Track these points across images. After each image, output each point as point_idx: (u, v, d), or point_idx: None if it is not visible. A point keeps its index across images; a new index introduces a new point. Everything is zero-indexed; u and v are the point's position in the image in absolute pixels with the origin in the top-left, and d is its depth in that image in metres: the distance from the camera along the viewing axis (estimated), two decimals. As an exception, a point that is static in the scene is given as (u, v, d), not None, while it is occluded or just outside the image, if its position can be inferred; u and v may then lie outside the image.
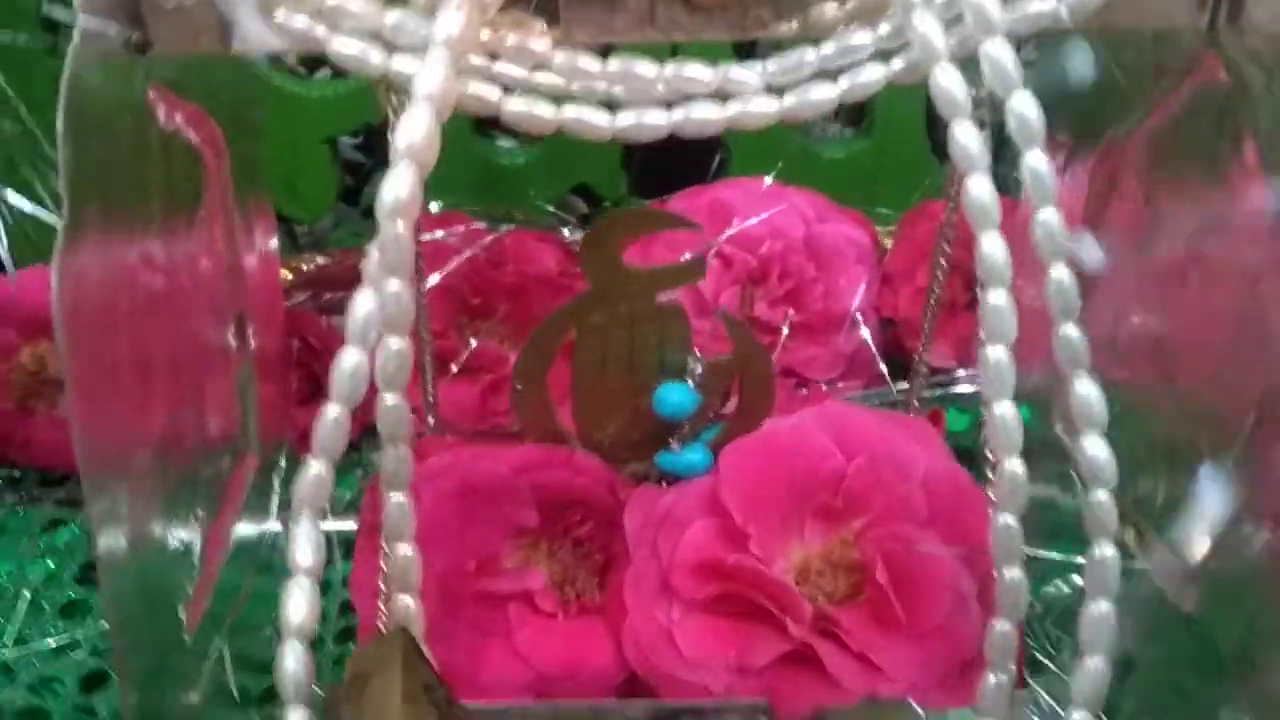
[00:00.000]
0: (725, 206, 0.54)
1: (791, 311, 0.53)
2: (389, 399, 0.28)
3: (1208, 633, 0.32)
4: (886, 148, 0.62)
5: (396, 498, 0.29)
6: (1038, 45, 0.38)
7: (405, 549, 0.29)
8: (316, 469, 0.27)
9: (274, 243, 0.42)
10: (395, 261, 0.26)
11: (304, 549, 0.27)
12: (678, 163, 0.58)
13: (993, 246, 0.27)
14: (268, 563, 0.39)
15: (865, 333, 0.52)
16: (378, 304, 0.27)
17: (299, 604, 0.27)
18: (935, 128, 0.60)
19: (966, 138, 0.27)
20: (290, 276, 0.56)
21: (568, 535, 0.34)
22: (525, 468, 0.33)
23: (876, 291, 0.54)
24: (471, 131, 0.62)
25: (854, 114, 0.64)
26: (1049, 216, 0.28)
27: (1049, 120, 0.27)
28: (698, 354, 0.34)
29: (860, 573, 0.33)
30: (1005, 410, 0.28)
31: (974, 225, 0.27)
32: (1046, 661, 0.36)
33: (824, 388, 0.52)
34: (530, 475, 0.33)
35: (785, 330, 0.52)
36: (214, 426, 0.36)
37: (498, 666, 0.33)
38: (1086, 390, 0.28)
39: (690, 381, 0.34)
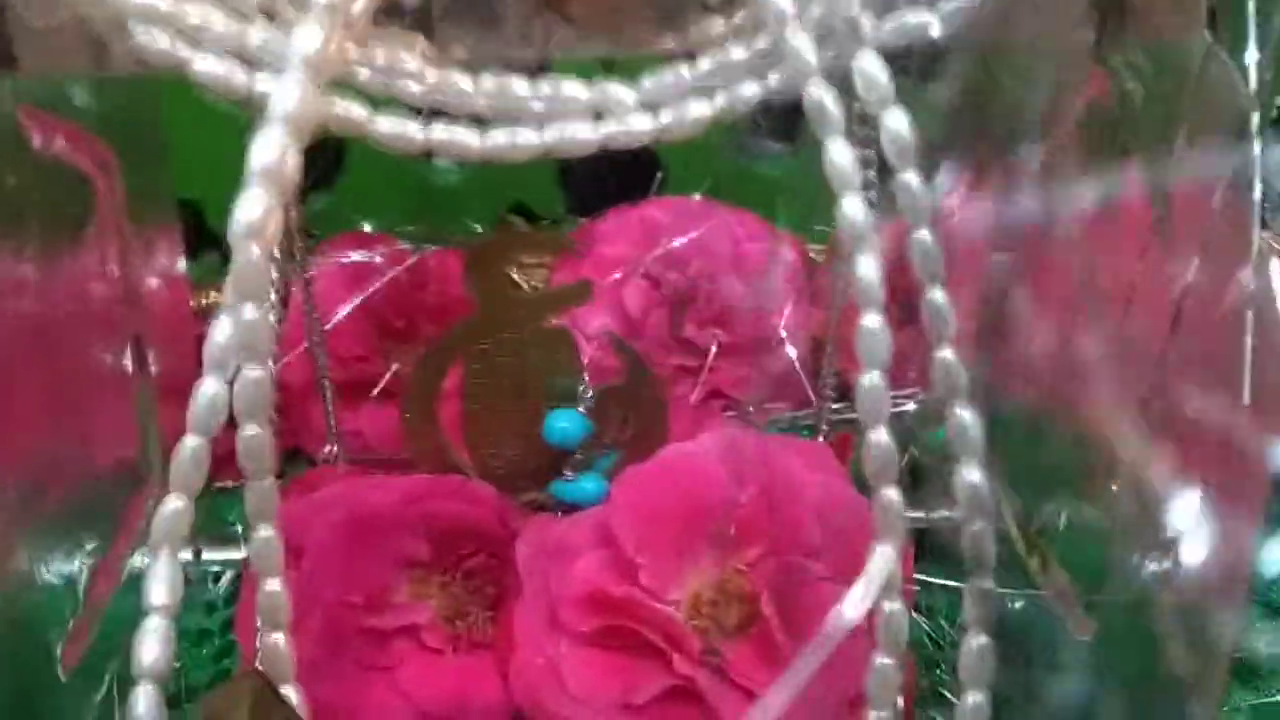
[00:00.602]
0: (654, 225, 0.53)
1: (720, 332, 0.52)
2: (249, 429, 0.27)
3: (1105, 661, 0.31)
4: (820, 163, 0.62)
5: (263, 532, 0.28)
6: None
7: (274, 584, 0.28)
8: (174, 504, 0.27)
9: (181, 264, 0.41)
10: (251, 287, 0.26)
11: (159, 588, 0.26)
12: (616, 180, 0.58)
13: (867, 268, 0.27)
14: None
15: (792, 352, 0.51)
16: (235, 330, 0.26)
17: (151, 645, 0.26)
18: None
19: (840, 156, 0.26)
20: (218, 297, 0.55)
21: (460, 567, 0.34)
22: (415, 498, 0.33)
23: (805, 311, 0.54)
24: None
25: (787, 130, 0.64)
26: (924, 237, 0.27)
27: (961, 139, 0.27)
28: (586, 380, 0.33)
29: (753, 603, 0.33)
30: (880, 438, 0.27)
31: (848, 246, 0.27)
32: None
33: (751, 410, 0.51)
34: (421, 505, 0.33)
35: (714, 350, 0.52)
36: (106, 453, 0.35)
37: (379, 705, 0.32)
38: (964, 417, 0.27)
39: (580, 407, 0.33)
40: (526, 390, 0.33)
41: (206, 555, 0.42)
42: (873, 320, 0.27)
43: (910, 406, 0.50)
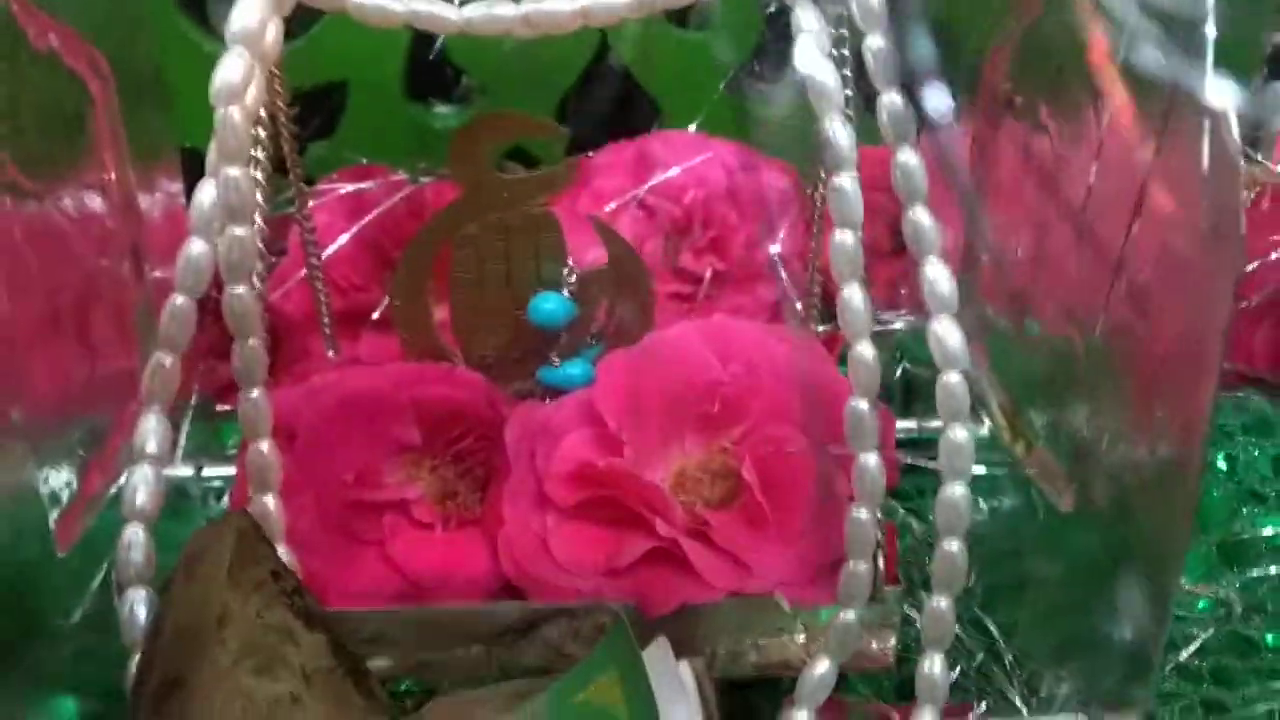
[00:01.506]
0: (650, 158, 0.54)
1: (715, 260, 0.53)
2: (235, 289, 0.28)
3: (1084, 529, 0.32)
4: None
5: (251, 394, 0.29)
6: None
7: (263, 445, 0.29)
8: (162, 360, 0.28)
9: (178, 187, 0.42)
10: (232, 149, 0.27)
11: (151, 440, 0.27)
12: (614, 123, 0.58)
13: (845, 186, 0.28)
14: (173, 508, 0.39)
15: (783, 275, 0.51)
16: (218, 192, 0.27)
17: (141, 485, 0.27)
18: (866, 81, 0.60)
19: (823, 75, 0.27)
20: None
21: (449, 450, 0.34)
22: (406, 383, 0.34)
23: (802, 238, 0.54)
24: (404, 96, 0.62)
25: (785, 71, 0.64)
26: (907, 158, 0.28)
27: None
28: (571, 264, 0.34)
29: (736, 478, 0.33)
30: (863, 351, 0.28)
31: (829, 164, 0.28)
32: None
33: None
34: (411, 390, 0.34)
35: (708, 277, 0.52)
36: (105, 356, 0.36)
37: (369, 574, 0.33)
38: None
39: (565, 291, 0.34)
40: (512, 277, 0.34)
41: (207, 471, 0.43)
42: (847, 237, 0.28)
43: (899, 325, 0.51)
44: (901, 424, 0.45)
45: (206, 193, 0.27)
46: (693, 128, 0.55)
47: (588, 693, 0.27)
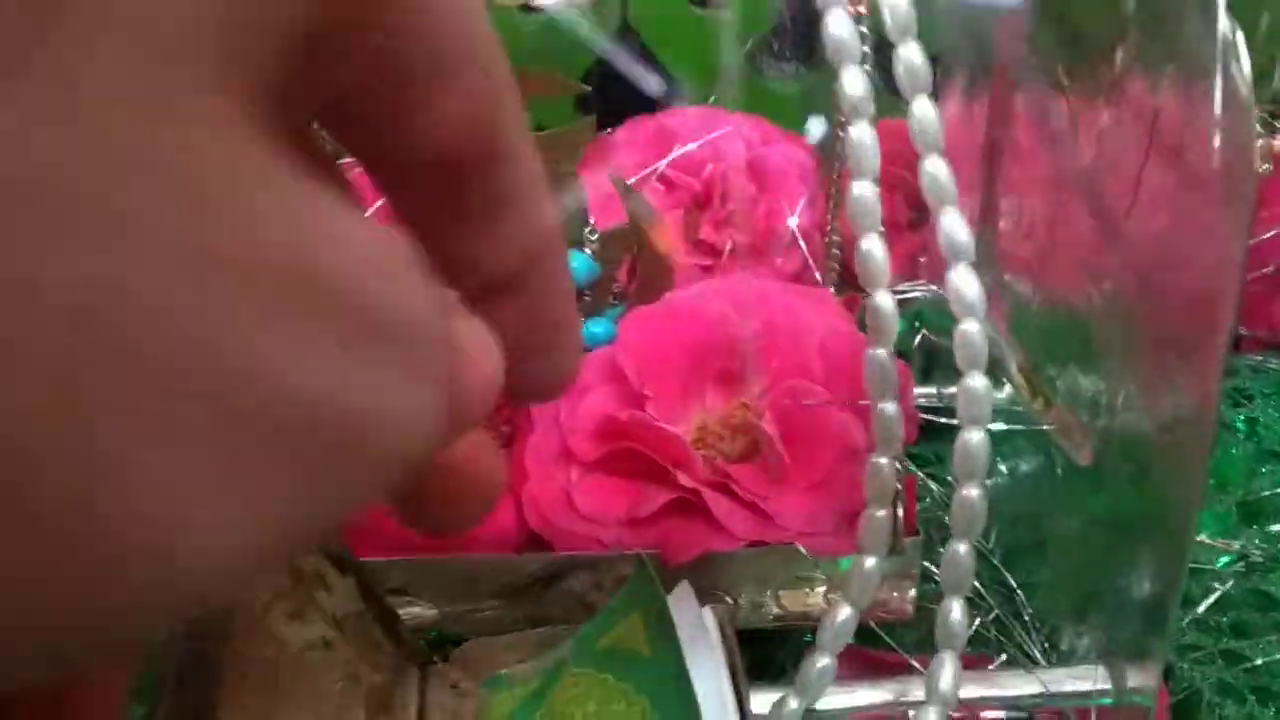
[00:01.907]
0: (668, 132, 0.54)
1: (735, 233, 0.53)
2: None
3: (1102, 488, 0.32)
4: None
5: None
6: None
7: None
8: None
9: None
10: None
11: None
12: (632, 100, 0.59)
13: (861, 137, 0.28)
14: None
15: (803, 245, 0.52)
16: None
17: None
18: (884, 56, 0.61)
19: (839, 28, 0.28)
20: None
21: (475, 408, 0.35)
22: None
23: (821, 210, 0.55)
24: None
25: (803, 49, 0.64)
26: (923, 109, 0.28)
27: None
28: (593, 224, 0.34)
29: (757, 433, 0.34)
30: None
31: (847, 116, 0.28)
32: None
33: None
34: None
35: (728, 250, 0.53)
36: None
37: (397, 526, 0.33)
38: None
39: (588, 250, 0.34)
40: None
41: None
42: (864, 188, 0.28)
43: (919, 294, 0.51)
44: (920, 390, 0.45)
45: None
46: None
47: (611, 637, 0.27)
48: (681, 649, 0.26)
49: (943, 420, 0.38)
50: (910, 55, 0.29)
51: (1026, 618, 0.36)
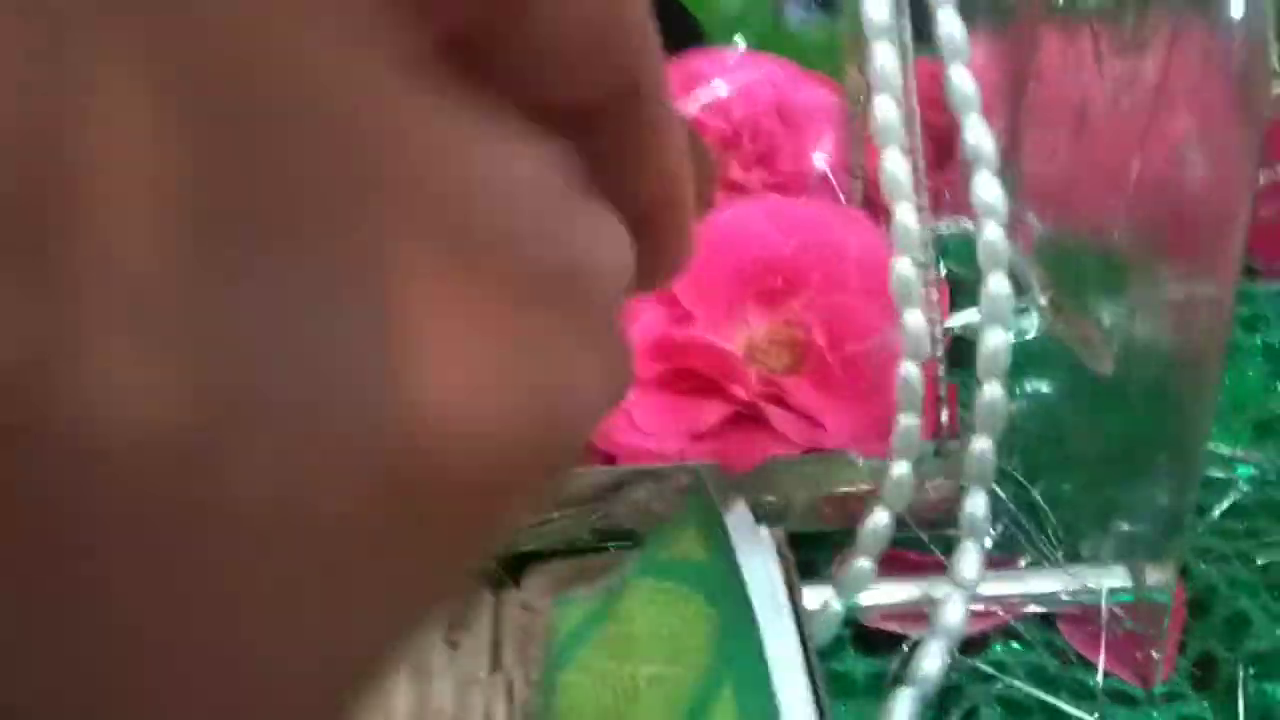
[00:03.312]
0: (698, 74, 0.55)
1: (764, 174, 0.55)
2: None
3: (1123, 390, 0.34)
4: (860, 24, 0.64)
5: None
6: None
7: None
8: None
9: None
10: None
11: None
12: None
13: (884, 54, 0.30)
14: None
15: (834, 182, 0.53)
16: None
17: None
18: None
19: None
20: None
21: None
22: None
23: (849, 151, 0.56)
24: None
25: (825, -1, 0.65)
26: (949, 19, 0.30)
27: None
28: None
29: (801, 347, 0.36)
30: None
31: (871, 37, 0.30)
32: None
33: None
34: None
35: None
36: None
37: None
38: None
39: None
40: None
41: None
42: (887, 106, 0.30)
43: (943, 229, 0.53)
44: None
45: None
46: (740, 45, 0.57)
47: (670, 550, 0.29)
48: (735, 552, 0.27)
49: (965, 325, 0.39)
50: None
51: (1049, 530, 0.38)
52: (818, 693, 0.25)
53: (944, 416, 0.33)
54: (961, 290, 0.50)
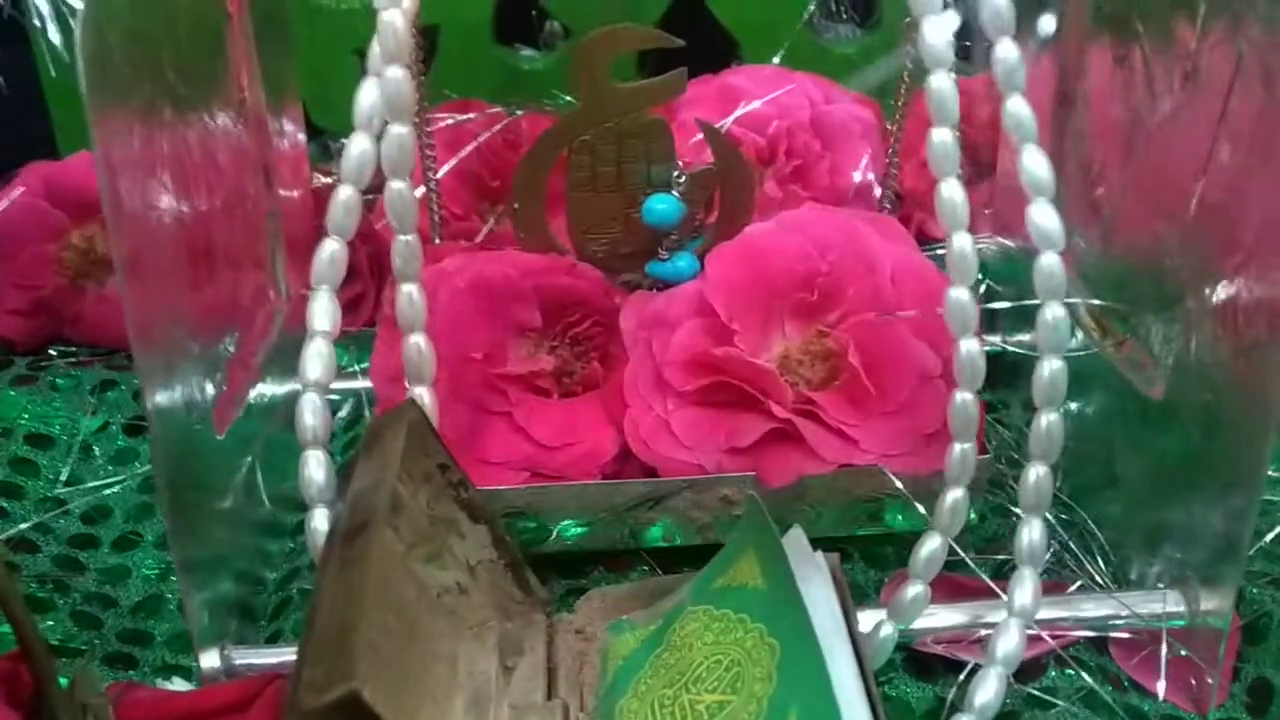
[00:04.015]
0: (734, 90, 0.55)
1: (798, 189, 0.55)
2: (395, 185, 0.30)
3: (1175, 414, 0.33)
4: (896, 41, 0.64)
5: (407, 289, 0.31)
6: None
7: (418, 339, 0.32)
8: (331, 246, 0.30)
9: (300, 120, 0.44)
10: (393, 50, 0.29)
11: (321, 316, 0.30)
12: (694, 63, 0.60)
13: (942, 83, 0.30)
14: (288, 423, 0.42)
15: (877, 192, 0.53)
16: (380, 91, 0.29)
17: (315, 364, 0.30)
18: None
19: None
20: (322, 179, 0.59)
21: (567, 334, 0.37)
22: (530, 272, 0.36)
23: (883, 166, 0.56)
24: (492, 40, 0.64)
25: (863, 13, 0.65)
26: (1007, 51, 0.30)
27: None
28: (681, 165, 0.36)
29: (836, 360, 0.36)
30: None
31: (929, 64, 0.30)
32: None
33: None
34: (535, 279, 0.36)
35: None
36: (244, 266, 0.38)
37: (500, 440, 0.35)
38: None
39: (675, 192, 0.36)
40: (624, 178, 0.36)
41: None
42: (944, 135, 0.30)
43: (981, 246, 0.53)
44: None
45: (368, 92, 0.29)
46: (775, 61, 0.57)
47: (726, 577, 0.29)
48: (794, 576, 0.27)
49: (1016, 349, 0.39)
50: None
51: (1094, 551, 0.37)
52: (876, 717, 0.24)
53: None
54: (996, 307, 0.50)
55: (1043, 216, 0.30)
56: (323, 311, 0.30)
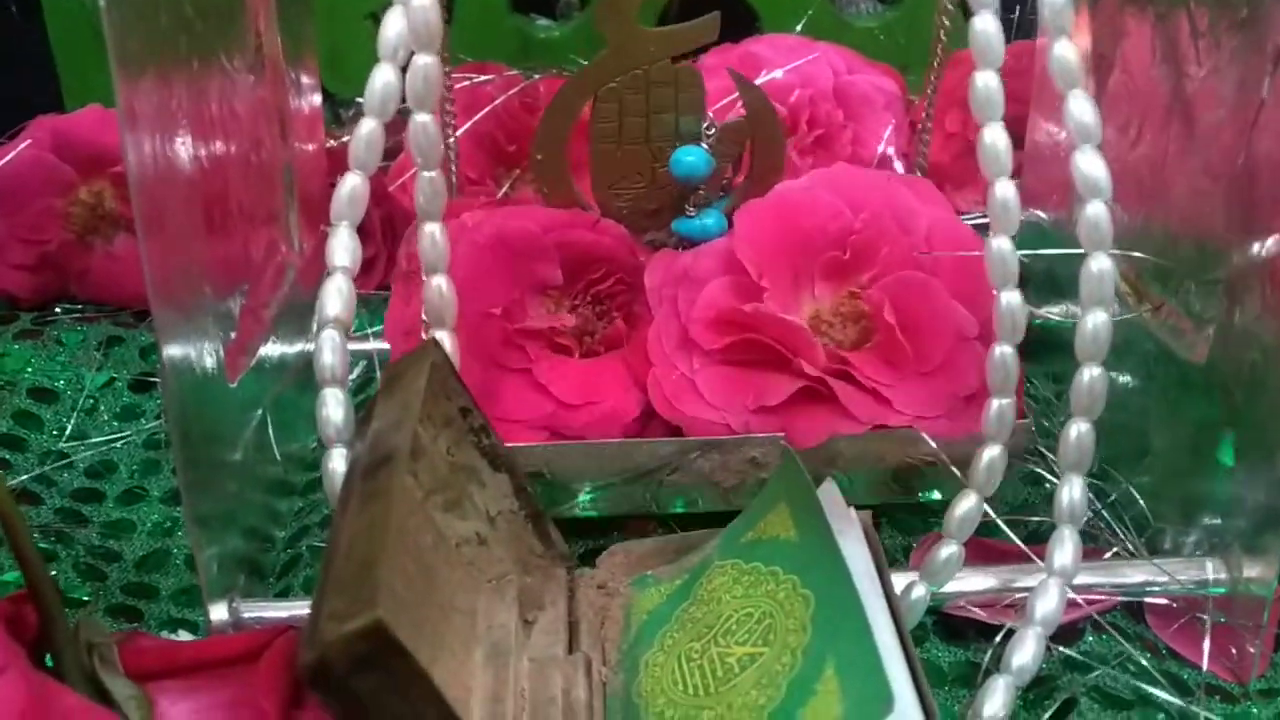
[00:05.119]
0: (756, 58, 0.55)
1: (821, 156, 0.54)
2: (420, 118, 0.29)
3: (1216, 379, 0.32)
4: (918, 15, 0.63)
5: (430, 228, 0.30)
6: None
7: (440, 280, 0.30)
8: (353, 180, 0.29)
9: (316, 75, 0.43)
10: (419, -19, 0.28)
11: (341, 251, 0.29)
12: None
13: (986, 24, 0.29)
14: (304, 382, 0.41)
15: (899, 166, 0.52)
16: (406, 20, 0.28)
17: (334, 301, 0.29)
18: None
19: None
20: (333, 144, 0.58)
21: (589, 291, 0.36)
22: (552, 227, 0.35)
23: (906, 138, 0.55)
24: (507, 8, 0.63)
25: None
26: (1064, 50, 0.29)
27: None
28: (711, 118, 0.35)
29: (868, 321, 0.34)
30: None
31: (973, 5, 0.29)
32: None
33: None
34: (557, 234, 0.35)
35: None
36: (257, 214, 0.37)
37: (519, 398, 0.34)
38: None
39: (705, 145, 0.35)
40: (651, 129, 0.35)
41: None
42: (988, 78, 0.29)
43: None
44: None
45: (394, 21, 0.28)
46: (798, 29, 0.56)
47: (756, 530, 0.28)
48: (830, 527, 0.26)
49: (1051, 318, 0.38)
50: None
51: (1128, 520, 0.36)
52: (915, 676, 0.23)
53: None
54: (1028, 280, 0.49)
55: (1089, 164, 0.29)
56: (342, 247, 0.29)
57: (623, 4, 0.33)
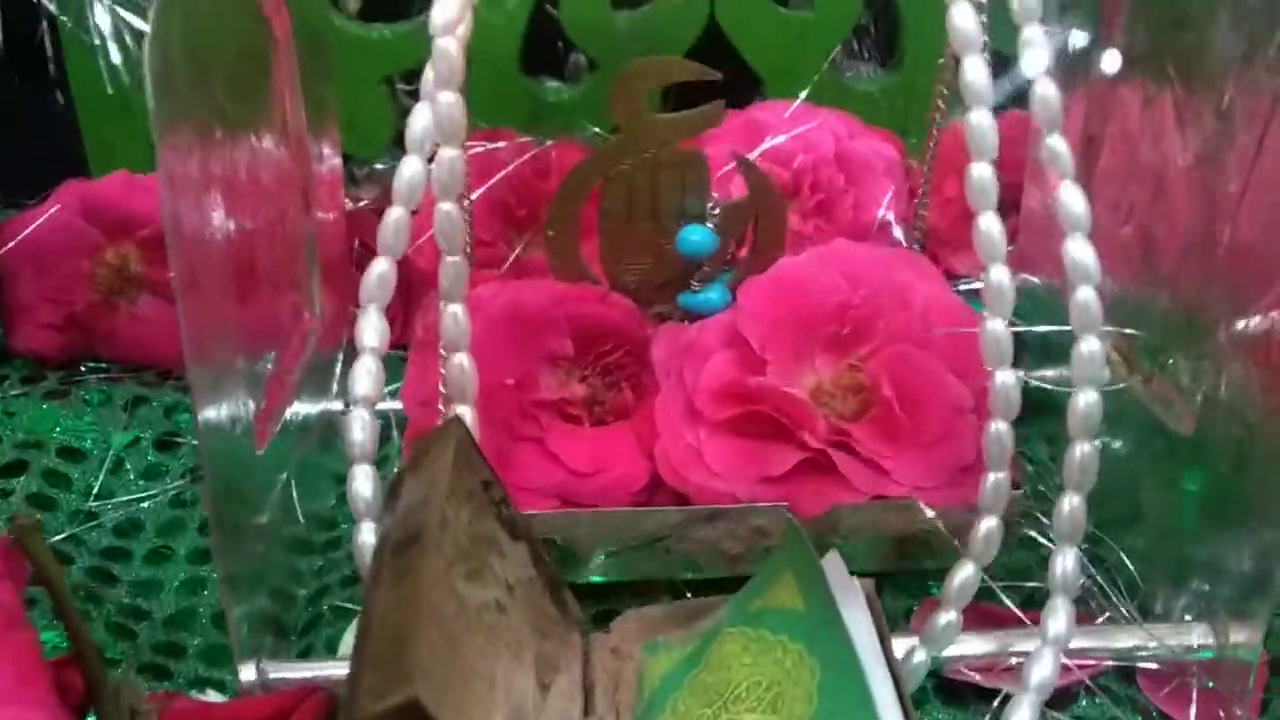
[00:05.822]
0: (759, 125, 0.56)
1: (823, 223, 0.55)
2: (444, 207, 0.31)
3: (1204, 451, 0.34)
4: (918, 80, 0.64)
5: (453, 309, 0.32)
6: None
7: (461, 358, 0.32)
8: (381, 266, 0.31)
9: (337, 144, 0.45)
10: (447, 76, 0.30)
11: (370, 333, 0.30)
12: (717, 97, 0.61)
13: (981, 119, 0.30)
14: (325, 443, 0.42)
15: (898, 233, 0.54)
16: (432, 115, 0.30)
17: (364, 380, 0.30)
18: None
19: (964, 19, 0.30)
20: (350, 204, 0.59)
21: (598, 363, 0.37)
22: (563, 300, 0.37)
23: (905, 203, 0.56)
24: (519, 71, 0.65)
25: (885, 52, 0.66)
26: (1045, 89, 0.30)
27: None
28: (716, 197, 0.36)
29: (867, 393, 0.36)
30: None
31: (969, 101, 0.30)
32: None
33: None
34: (567, 307, 0.37)
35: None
36: (282, 286, 0.39)
37: (532, 465, 0.36)
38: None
39: (709, 223, 0.36)
40: (658, 208, 0.37)
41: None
42: (983, 169, 0.30)
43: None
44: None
45: (421, 116, 0.30)
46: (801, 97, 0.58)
47: (764, 598, 0.29)
48: (834, 598, 0.27)
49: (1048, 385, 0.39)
50: (1033, 36, 0.31)
51: (1120, 584, 0.38)
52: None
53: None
54: (1023, 344, 0.50)
55: (1079, 251, 0.30)
56: (371, 329, 0.30)
57: (633, 92, 0.35)
